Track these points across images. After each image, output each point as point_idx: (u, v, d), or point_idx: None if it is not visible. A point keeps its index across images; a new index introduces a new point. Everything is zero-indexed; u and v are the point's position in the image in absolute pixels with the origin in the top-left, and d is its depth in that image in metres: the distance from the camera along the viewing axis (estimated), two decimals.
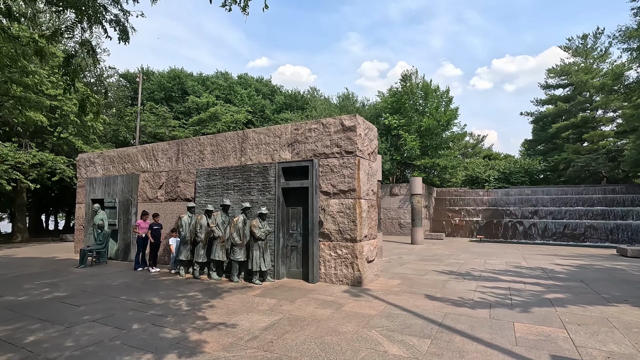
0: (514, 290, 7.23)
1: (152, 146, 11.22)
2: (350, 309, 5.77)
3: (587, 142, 29.10)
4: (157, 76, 34.02)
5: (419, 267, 10.23)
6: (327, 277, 7.78)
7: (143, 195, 11.15)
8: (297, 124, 8.52)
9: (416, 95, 26.36)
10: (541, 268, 10.34)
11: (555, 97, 32.63)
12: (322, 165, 8.03)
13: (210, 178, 9.49)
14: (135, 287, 7.38)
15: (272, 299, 6.38)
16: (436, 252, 14.73)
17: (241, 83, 37.16)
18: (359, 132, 7.80)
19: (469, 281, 8.15)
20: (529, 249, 16.31)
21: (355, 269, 7.46)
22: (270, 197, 8.45)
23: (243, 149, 9.24)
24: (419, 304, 6.08)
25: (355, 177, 7.60)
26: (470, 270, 9.81)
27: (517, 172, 30.02)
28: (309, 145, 8.26)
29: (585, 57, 30.60)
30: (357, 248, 7.48)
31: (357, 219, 7.51)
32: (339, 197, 7.78)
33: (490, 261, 11.79)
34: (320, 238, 7.92)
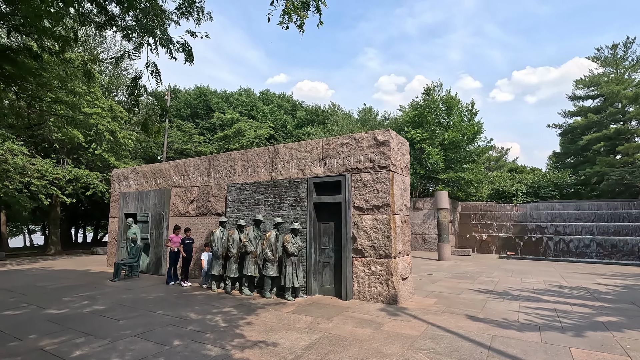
0: (561, 311, 6.84)
1: (184, 162, 11.50)
2: (391, 328, 5.58)
3: (621, 154, 27.85)
4: (184, 94, 35.26)
5: (452, 285, 9.88)
6: (360, 294, 7.61)
7: (175, 209, 11.37)
8: (329, 139, 8.54)
9: (439, 108, 26.13)
10: (584, 288, 9.79)
11: (585, 109, 31.59)
12: (355, 180, 7.97)
13: (241, 193, 9.59)
14: (170, 302, 7.43)
15: (307, 317, 6.27)
16: (466, 269, 14.23)
17: (263, 99, 37.99)
18: (392, 147, 7.73)
19: (509, 301, 7.78)
20: (565, 267, 15.54)
21: (390, 287, 7.27)
22: (302, 212, 8.42)
23: (274, 164, 9.32)
24: (461, 324, 5.82)
25: (389, 192, 7.50)
26: (508, 289, 9.39)
27: (547, 186, 28.96)
28: (340, 160, 8.24)
29: (616, 67, 29.64)
30: (392, 265, 7.31)
31: (391, 234, 7.36)
32: (372, 212, 7.67)
33: (527, 280, 11.27)
34: (354, 254, 7.79)
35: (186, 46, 4.75)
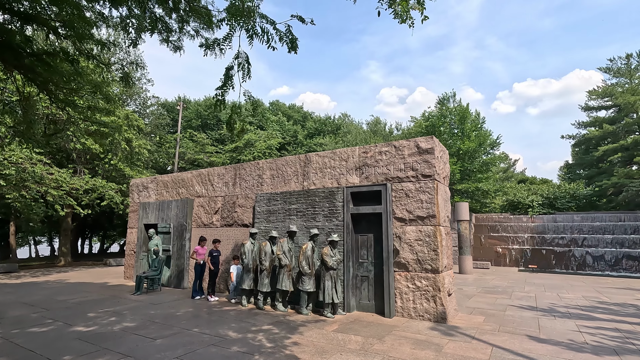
0: (626, 332, 6.35)
1: (208, 171, 11.18)
2: (453, 351, 5.13)
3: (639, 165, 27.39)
4: (194, 104, 35.25)
5: (490, 301, 9.38)
6: (404, 311, 7.15)
7: (197, 220, 11.01)
8: (366, 147, 8.21)
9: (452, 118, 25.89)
10: (631, 305, 9.26)
11: (600, 119, 31.27)
12: (396, 190, 7.60)
13: (271, 203, 9.23)
14: (203, 318, 7.00)
15: (356, 336, 5.83)
16: (494, 283, 13.70)
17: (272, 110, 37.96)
18: (437, 155, 7.38)
19: (561, 319, 7.29)
20: (594, 281, 14.96)
21: (438, 303, 6.82)
22: (338, 224, 8.04)
23: (305, 173, 8.98)
24: (527, 347, 5.36)
25: (434, 203, 7.12)
26: (551, 305, 8.88)
27: (562, 197, 28.45)
28: (379, 168, 7.89)
29: (630, 77, 29.43)
30: (439, 280, 6.87)
31: (438, 247, 6.95)
32: (416, 223, 7.28)
33: (565, 295, 10.74)
34: (396, 268, 7.37)
35: (289, 34, 4.43)
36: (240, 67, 4.57)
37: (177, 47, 6.56)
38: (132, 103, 25.84)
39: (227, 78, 4.54)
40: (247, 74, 4.62)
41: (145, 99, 25.95)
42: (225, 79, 4.54)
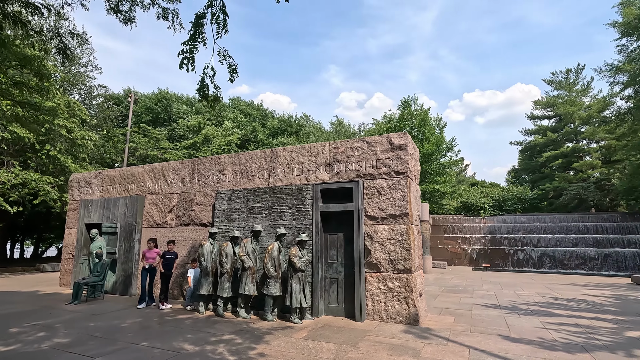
0: (585, 327, 6.53)
1: (162, 165, 10.18)
2: (431, 355, 4.86)
3: (576, 171, 29.93)
4: (144, 98, 32.80)
5: (455, 300, 9.42)
6: (375, 314, 6.84)
7: (149, 219, 9.96)
8: (337, 142, 7.83)
9: (413, 122, 26.52)
10: (580, 299, 9.77)
11: (543, 128, 33.82)
12: (368, 187, 7.29)
13: (233, 201, 8.53)
14: (155, 330, 6.17)
15: (328, 344, 5.38)
16: (453, 282, 13.99)
17: (231, 107, 36.56)
18: (410, 151, 7.18)
19: (526, 316, 7.40)
20: (543, 278, 15.88)
21: (410, 305, 6.58)
22: (307, 223, 7.56)
23: (271, 169, 8.41)
24: (502, 347, 5.25)
25: (407, 200, 6.89)
26: (512, 303, 9.09)
27: (510, 200, 30.27)
28: (351, 165, 7.54)
29: (569, 90, 32.14)
30: (411, 280, 6.65)
31: (411, 246, 6.72)
32: (388, 222, 7.01)
33: (520, 292, 11.14)
34: (367, 269, 7.04)
35: None
36: (215, 18, 3.83)
37: (127, 20, 5.73)
38: (76, 92, 23.46)
39: (197, 28, 3.75)
40: (222, 27, 3.89)
41: (92, 88, 23.66)
42: (194, 30, 3.75)
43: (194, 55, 3.89)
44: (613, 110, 25.34)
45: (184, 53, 3.85)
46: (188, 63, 3.96)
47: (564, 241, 22.03)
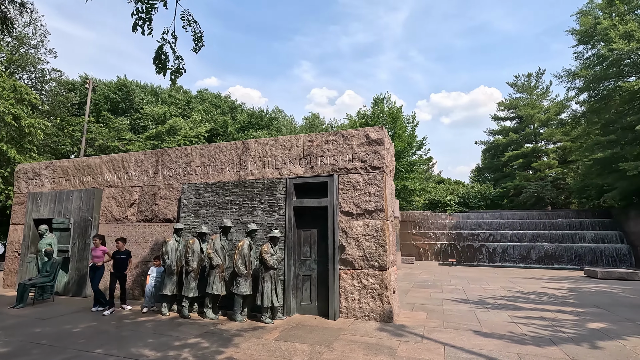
0: (551, 320, 6.74)
1: (123, 156, 9.44)
2: (408, 354, 4.75)
3: (535, 170, 31.58)
4: (102, 86, 30.53)
5: (426, 296, 9.50)
6: (349, 311, 6.68)
7: (107, 214, 9.22)
8: (312, 135, 7.57)
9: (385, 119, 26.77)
10: (541, 292, 10.19)
11: (506, 128, 35.37)
12: (343, 182, 7.10)
13: (201, 195, 8.05)
14: (111, 335, 5.64)
15: (302, 345, 5.14)
16: (422, 277, 14.23)
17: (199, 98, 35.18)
18: (386, 146, 7.06)
19: (494, 310, 7.56)
20: (505, 272, 16.54)
21: (384, 302, 6.48)
22: (279, 218, 7.26)
23: (243, 162, 8.00)
24: (476, 342, 5.25)
25: (382, 196, 6.77)
26: (480, 297, 9.30)
27: (475, 197, 31.45)
28: (326, 159, 7.31)
29: (530, 93, 33.79)
30: (386, 277, 6.55)
31: (386, 243, 6.62)
32: (363, 218, 6.86)
33: (486, 287, 11.48)
34: (341, 266, 6.87)
35: None
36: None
37: None
38: (25, 75, 21.50)
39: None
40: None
41: (44, 71, 21.75)
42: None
43: (151, 15, 3.38)
44: (569, 114, 26.92)
45: (139, 13, 3.34)
46: (144, 25, 3.40)
47: (523, 237, 23.16)
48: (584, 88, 22.17)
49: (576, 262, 20.39)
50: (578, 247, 20.89)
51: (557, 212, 25.84)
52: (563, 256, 20.92)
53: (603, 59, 19.98)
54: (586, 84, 21.67)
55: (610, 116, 20.41)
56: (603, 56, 19.65)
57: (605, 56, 19.33)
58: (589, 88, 21.81)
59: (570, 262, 20.47)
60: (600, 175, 21.55)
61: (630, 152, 18.53)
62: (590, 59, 22.11)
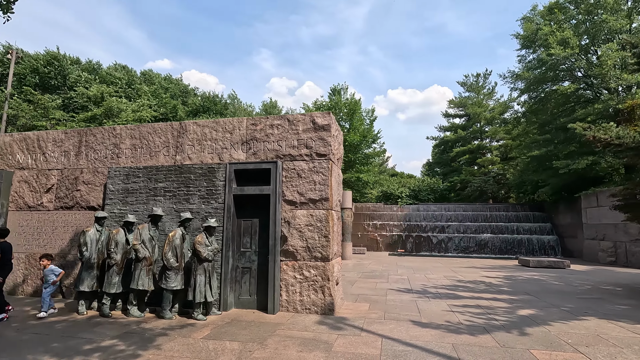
0: (486, 308, 6.96)
1: (39, 135, 8.25)
2: (344, 348, 4.55)
3: (479, 166, 33.50)
4: (30, 58, 27.03)
5: (371, 286, 9.50)
6: (289, 305, 6.38)
7: (18, 200, 8.04)
8: (256, 118, 7.07)
9: (342, 110, 26.72)
10: (480, 281, 10.65)
11: (455, 125, 37.06)
12: (287, 169, 6.72)
13: (130, 180, 7.24)
14: (9, 340, 4.82)
15: (232, 342, 4.74)
16: (371, 267, 14.39)
17: (145, 80, 32.70)
18: (333, 133, 6.77)
19: (435, 300, 7.68)
20: (449, 262, 17.29)
21: (326, 294, 6.26)
22: (218, 207, 6.72)
23: (179, 145, 7.31)
24: (414, 333, 5.20)
25: (327, 185, 6.50)
26: (423, 287, 9.48)
27: (424, 190, 32.72)
28: (270, 144, 6.87)
29: (477, 92, 35.61)
30: (328, 268, 6.32)
31: (330, 233, 6.37)
32: (307, 207, 6.55)
33: (430, 276, 11.82)
34: (283, 257, 6.52)
35: None
36: None
37: None
38: None
39: None
40: None
41: None
42: None
43: None
44: (511, 114, 28.74)
45: None
46: None
47: (467, 228, 24.45)
48: (525, 90, 23.68)
49: (513, 252, 21.93)
50: (515, 238, 22.47)
51: (498, 205, 27.61)
52: (502, 246, 22.40)
53: (542, 63, 21.39)
54: (527, 86, 23.13)
55: (547, 117, 21.97)
56: (542, 60, 21.02)
57: (544, 60, 20.68)
58: (529, 90, 23.32)
59: (508, 252, 21.98)
60: (535, 171, 23.26)
61: (562, 151, 20.12)
62: (531, 63, 23.60)
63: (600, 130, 8.47)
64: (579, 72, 20.85)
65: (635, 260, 15.25)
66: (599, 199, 17.41)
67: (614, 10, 19.12)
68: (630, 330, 5.42)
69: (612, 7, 19.07)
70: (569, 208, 21.30)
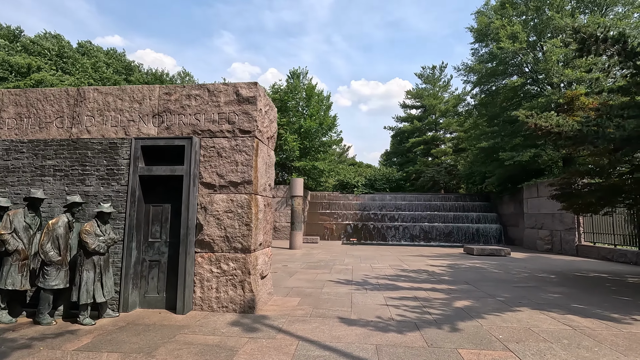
0: (422, 299, 6.58)
1: None
2: (249, 357, 3.83)
3: (433, 156, 34.24)
4: None
5: (311, 277, 8.91)
6: (205, 302, 5.55)
7: None
8: (170, 86, 6.03)
9: (300, 96, 25.77)
10: (423, 270, 10.47)
11: (412, 116, 37.52)
12: (206, 147, 5.80)
13: (11, 156, 5.93)
14: None
15: (111, 354, 3.84)
16: (319, 257, 13.87)
17: (83, 53, 29.48)
18: (260, 107, 5.92)
19: (372, 292, 7.21)
20: (399, 250, 17.26)
21: (246, 290, 5.50)
22: (120, 189, 5.67)
23: (76, 116, 6.09)
24: (337, 333, 4.60)
25: (252, 166, 5.68)
26: (365, 277, 9.05)
27: (380, 180, 32.91)
28: (186, 117, 5.89)
29: (434, 85, 36.20)
30: (250, 261, 5.54)
31: (252, 221, 5.58)
32: (227, 191, 5.70)
33: (376, 265, 11.49)
34: (198, 248, 5.65)
35: None
36: None
37: None
38: None
39: None
40: None
41: None
42: None
43: None
44: (464, 106, 29.44)
45: None
46: None
47: (419, 217, 24.81)
48: (477, 82, 24.16)
49: (460, 241, 22.55)
50: (463, 227, 23.12)
51: (449, 195, 28.34)
52: (451, 235, 22.96)
53: (493, 57, 21.83)
54: (478, 79, 23.59)
55: (496, 110, 22.57)
56: (493, 53, 21.43)
57: (495, 53, 21.08)
58: (481, 83, 23.81)
59: (456, 241, 22.57)
60: (484, 163, 23.98)
61: (508, 144, 20.78)
62: (483, 56, 24.07)
63: (541, 118, 8.38)
64: (526, 67, 21.52)
65: (569, 247, 16.08)
66: (539, 190, 18.15)
67: (559, 8, 19.78)
68: (561, 322, 5.23)
69: (558, 5, 19.72)
70: (513, 198, 22.19)
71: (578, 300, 6.67)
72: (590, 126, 7.57)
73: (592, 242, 15.30)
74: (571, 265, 12.03)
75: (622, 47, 6.40)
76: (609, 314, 5.71)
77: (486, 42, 24.01)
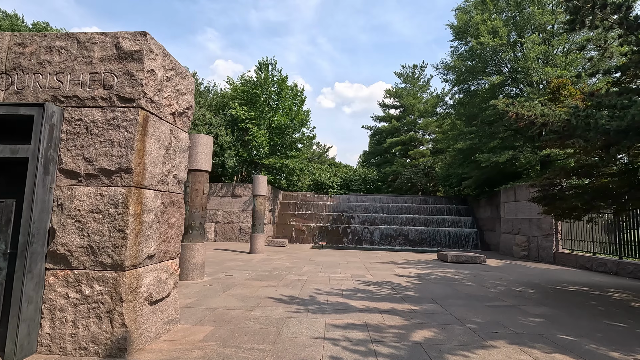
0: (373, 328, 5.11)
1: None
2: None
3: (411, 158, 33.26)
4: None
5: (249, 293, 7.31)
6: (55, 342, 3.87)
7: None
8: (25, 35, 4.33)
9: (270, 89, 24.12)
10: (387, 282, 9.07)
11: (390, 116, 36.46)
12: (71, 121, 4.13)
13: None
14: None
15: None
16: (276, 264, 12.29)
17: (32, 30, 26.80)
18: (151, 67, 4.30)
19: (314, 316, 5.69)
20: (368, 256, 15.88)
21: (116, 323, 3.86)
22: None
23: None
24: None
25: (134, 148, 4.05)
26: (315, 293, 7.54)
27: (357, 180, 31.64)
28: (45, 77, 4.20)
29: (413, 84, 35.28)
30: (123, 282, 3.91)
31: (128, 225, 3.95)
32: (98, 182, 4.05)
33: (335, 276, 10.02)
34: (51, 263, 3.97)
35: None
36: None
37: None
38: None
39: None
40: None
41: None
42: None
43: None
44: (443, 106, 28.54)
45: None
46: None
47: (394, 220, 23.60)
48: (456, 81, 23.20)
49: (435, 245, 21.45)
50: (439, 231, 22.06)
51: (426, 197, 27.34)
52: (426, 239, 21.85)
53: (472, 54, 20.88)
54: (457, 77, 22.63)
55: (474, 110, 21.63)
56: (473, 50, 20.47)
57: (474, 49, 20.11)
58: (460, 81, 22.86)
59: (433, 245, 21.46)
60: (461, 165, 23.01)
61: (486, 145, 19.83)
62: (462, 54, 23.15)
63: (524, 107, 7.10)
64: (505, 67, 20.70)
65: (545, 254, 15.12)
66: (517, 193, 17.19)
67: (540, 4, 18.99)
68: None
69: (539, 1, 18.93)
70: (489, 202, 21.28)
71: (564, 328, 5.37)
72: (580, 117, 6.32)
73: (569, 250, 14.37)
74: (549, 276, 10.93)
75: (625, 16, 5.18)
76: (607, 352, 4.40)
77: (465, 39, 23.10)
